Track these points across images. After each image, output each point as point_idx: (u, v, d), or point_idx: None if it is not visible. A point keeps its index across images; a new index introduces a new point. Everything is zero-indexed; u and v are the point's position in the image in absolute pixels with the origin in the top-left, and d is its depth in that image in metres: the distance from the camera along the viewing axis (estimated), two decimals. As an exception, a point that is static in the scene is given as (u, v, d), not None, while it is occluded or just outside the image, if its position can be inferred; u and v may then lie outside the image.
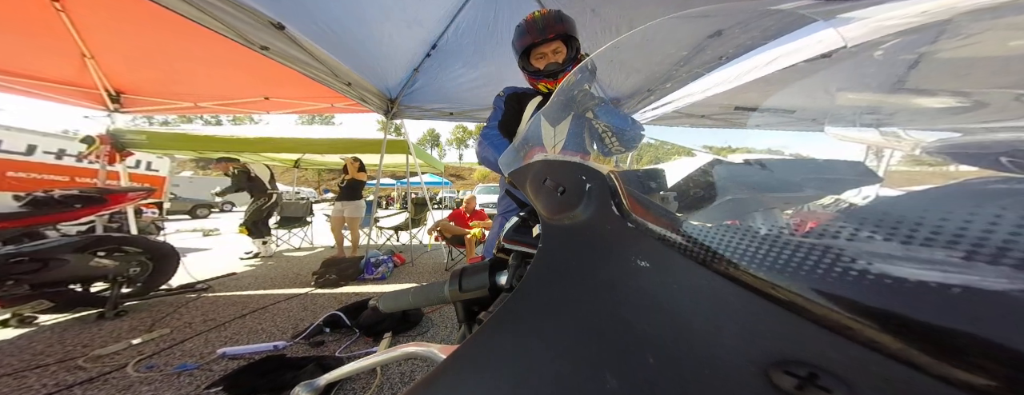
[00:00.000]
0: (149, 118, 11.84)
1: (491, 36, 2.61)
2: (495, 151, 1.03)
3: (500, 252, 0.46)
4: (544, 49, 1.17)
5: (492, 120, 1.22)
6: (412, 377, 1.78)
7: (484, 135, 1.16)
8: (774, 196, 0.19)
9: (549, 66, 1.17)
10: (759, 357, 0.15)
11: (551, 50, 1.17)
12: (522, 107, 1.24)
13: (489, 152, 1.07)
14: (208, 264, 4.27)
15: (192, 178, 18.80)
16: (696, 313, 0.18)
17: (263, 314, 2.60)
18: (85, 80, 3.19)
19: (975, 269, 0.11)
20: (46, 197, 2.36)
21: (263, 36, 2.01)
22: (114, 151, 3.68)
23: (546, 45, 1.16)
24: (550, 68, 1.17)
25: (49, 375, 1.72)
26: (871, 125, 0.17)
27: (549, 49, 1.17)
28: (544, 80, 1.20)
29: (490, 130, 1.18)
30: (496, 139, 1.13)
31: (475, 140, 1.67)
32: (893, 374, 0.12)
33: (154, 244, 2.73)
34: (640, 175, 0.27)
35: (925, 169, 0.15)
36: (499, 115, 1.22)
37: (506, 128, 1.19)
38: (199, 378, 1.70)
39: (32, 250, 2.11)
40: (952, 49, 0.16)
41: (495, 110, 1.24)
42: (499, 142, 1.11)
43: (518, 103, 1.24)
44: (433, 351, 0.38)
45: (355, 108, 3.65)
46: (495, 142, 1.11)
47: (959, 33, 0.16)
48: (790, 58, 0.22)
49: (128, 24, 2.47)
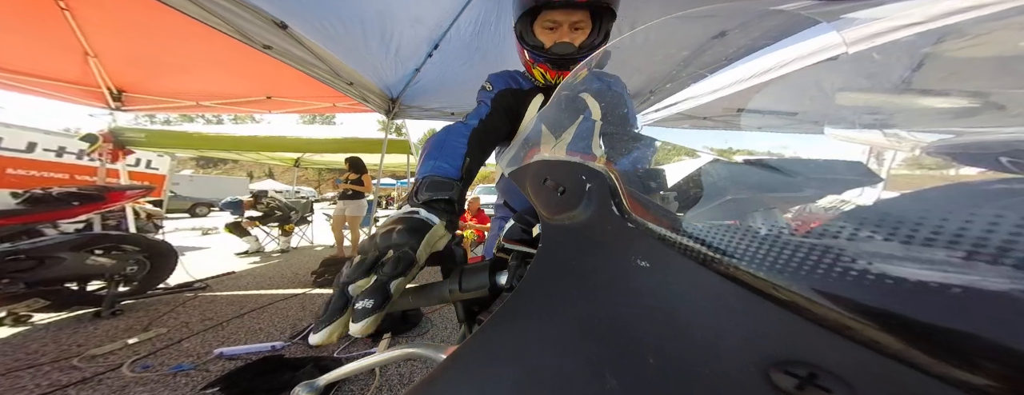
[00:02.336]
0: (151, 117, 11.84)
1: (494, 36, 2.62)
2: (445, 161, 0.60)
3: (500, 252, 0.46)
4: (560, 16, 0.75)
5: (472, 118, 0.77)
6: (411, 379, 1.77)
7: (449, 131, 0.70)
8: (774, 196, 0.19)
9: (559, 46, 0.77)
10: (759, 357, 0.15)
11: (570, 22, 0.76)
12: (516, 108, 0.87)
13: (438, 156, 0.61)
14: (207, 263, 4.26)
15: (192, 176, 18.79)
16: (696, 313, 0.18)
17: (261, 314, 2.60)
18: (87, 78, 3.19)
19: (975, 269, 0.11)
20: (44, 194, 2.36)
21: (266, 35, 2.02)
22: (117, 149, 3.68)
23: (566, 11, 0.74)
24: (560, 50, 0.77)
25: (43, 375, 1.71)
26: (872, 126, 0.17)
27: (568, 19, 0.75)
28: (543, 65, 0.81)
29: (461, 129, 0.71)
30: (455, 145, 0.66)
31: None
32: (893, 374, 0.12)
33: (152, 242, 2.72)
34: (640, 175, 0.27)
35: (925, 170, 0.15)
36: (482, 114, 0.79)
37: (485, 135, 0.73)
38: (195, 378, 1.69)
39: (28, 248, 2.10)
40: (953, 50, 0.16)
41: (479, 107, 0.83)
42: (455, 149, 0.64)
43: (512, 102, 0.86)
44: (433, 351, 0.39)
45: (357, 108, 3.66)
46: (450, 148, 0.64)
47: (960, 34, 0.16)
48: (792, 60, 0.22)
49: (132, 23, 2.48)
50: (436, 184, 0.53)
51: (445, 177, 0.56)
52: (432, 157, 0.61)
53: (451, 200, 0.51)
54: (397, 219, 0.43)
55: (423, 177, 0.56)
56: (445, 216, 0.45)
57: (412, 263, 0.37)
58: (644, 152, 0.29)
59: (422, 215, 0.44)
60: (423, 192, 0.51)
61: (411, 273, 0.37)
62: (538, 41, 0.81)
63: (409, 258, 0.37)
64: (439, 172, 0.58)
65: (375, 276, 0.35)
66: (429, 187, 0.52)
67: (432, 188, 0.52)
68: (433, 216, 0.44)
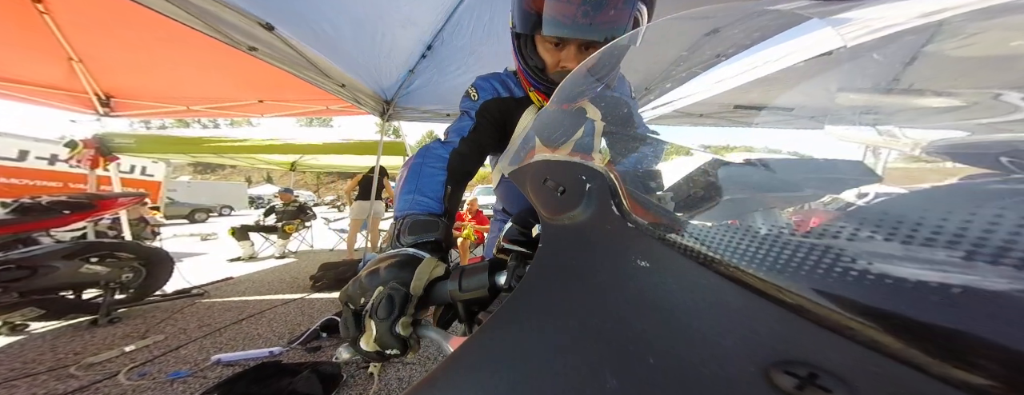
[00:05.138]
0: (146, 122, 11.73)
1: (488, 37, 2.61)
2: (425, 194, 0.56)
3: (500, 252, 0.46)
4: (572, 41, 0.63)
5: (454, 134, 0.70)
6: (410, 381, 1.77)
7: (427, 155, 0.64)
8: (774, 196, 0.19)
9: (559, 75, 0.67)
10: (759, 357, 0.15)
11: (578, 44, 0.63)
12: (503, 121, 0.77)
13: (415, 189, 0.57)
14: (205, 269, 4.22)
15: (190, 182, 18.64)
16: (696, 313, 0.18)
17: (259, 319, 2.58)
18: (74, 84, 3.14)
19: (975, 269, 0.11)
20: (33, 203, 2.33)
21: (251, 37, 1.99)
22: (98, 155, 3.61)
23: (581, 36, 0.61)
24: (559, 79, 0.60)
25: (39, 384, 1.69)
26: (870, 124, 0.17)
27: (575, 41, 0.63)
28: (541, 93, 0.73)
29: (440, 152, 0.64)
30: (433, 173, 0.60)
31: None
32: (893, 374, 0.12)
33: (147, 250, 2.69)
34: (640, 175, 0.27)
35: (925, 169, 0.15)
36: (465, 130, 0.71)
37: (467, 156, 0.67)
38: (193, 385, 1.68)
39: (19, 257, 2.07)
40: (950, 49, 0.16)
41: (461, 119, 0.75)
42: (434, 177, 0.59)
43: (498, 114, 0.76)
44: (438, 336, 0.36)
45: (350, 110, 3.64)
46: (428, 178, 0.59)
47: (956, 33, 0.16)
48: (789, 57, 0.22)
49: (114, 26, 2.43)
50: (418, 225, 0.50)
51: (427, 213, 0.53)
52: (409, 190, 0.57)
53: (438, 241, 0.48)
54: (382, 258, 0.41)
55: (403, 215, 0.52)
56: (435, 255, 0.43)
57: (406, 298, 0.35)
58: (644, 152, 0.29)
59: (410, 251, 0.42)
60: (405, 235, 0.48)
61: (409, 308, 0.35)
62: (539, 60, 0.68)
63: (401, 293, 0.35)
64: (419, 208, 0.54)
65: (374, 325, 0.34)
66: (412, 229, 0.49)
67: (414, 230, 0.49)
68: (421, 252, 0.42)
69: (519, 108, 0.78)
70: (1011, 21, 0.14)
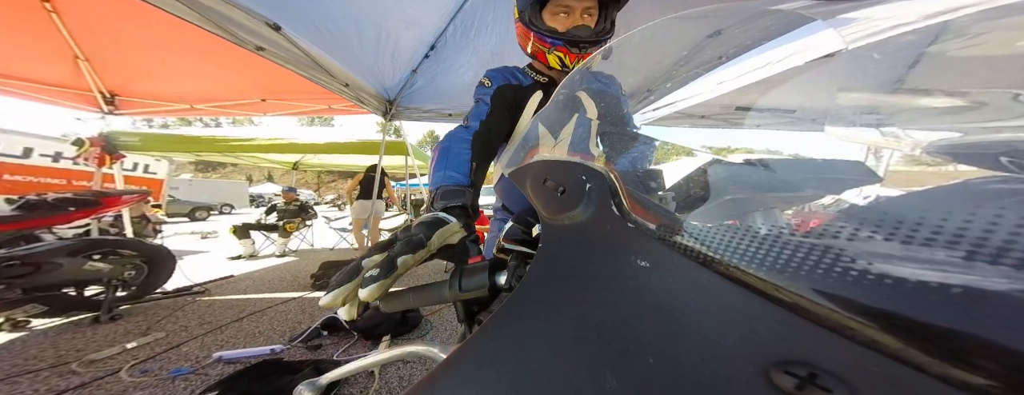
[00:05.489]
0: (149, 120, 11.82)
1: (491, 37, 2.62)
2: (453, 169, 0.64)
3: (500, 252, 0.46)
4: (572, 2, 0.79)
5: (473, 119, 0.80)
6: (411, 380, 1.76)
7: (452, 138, 0.73)
8: (774, 196, 0.19)
9: (579, 29, 0.78)
10: (759, 357, 0.15)
11: (583, 7, 0.80)
12: (515, 104, 0.88)
13: (446, 166, 0.65)
14: (206, 267, 4.24)
15: (191, 181, 18.71)
16: (696, 313, 0.18)
17: (260, 317, 2.58)
18: (79, 82, 3.17)
19: (975, 269, 0.11)
20: (39, 200, 2.34)
21: (259, 37, 2.00)
22: (104, 153, 3.64)
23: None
24: (580, 32, 0.78)
25: (41, 380, 1.70)
26: (871, 125, 0.17)
27: (581, 4, 0.79)
28: (562, 49, 0.80)
29: (463, 134, 0.74)
30: (459, 151, 0.68)
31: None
32: (893, 374, 0.12)
33: (150, 247, 2.71)
34: (640, 175, 0.27)
35: (925, 169, 0.15)
36: (482, 114, 0.81)
37: (487, 136, 0.77)
38: (194, 382, 1.69)
39: (23, 254, 2.09)
40: (952, 49, 0.16)
41: (478, 106, 0.84)
42: (460, 155, 0.67)
43: (511, 98, 0.87)
44: (434, 351, 0.39)
45: (353, 110, 3.65)
46: (455, 156, 0.67)
47: (959, 33, 0.16)
48: (790, 58, 0.22)
49: (121, 25, 2.45)
50: (449, 193, 0.58)
51: (456, 185, 0.61)
52: (440, 167, 0.66)
53: (465, 205, 0.55)
54: (418, 220, 0.47)
55: (436, 188, 0.61)
56: (461, 218, 0.48)
57: (421, 245, 0.40)
58: (644, 152, 0.29)
59: (439, 214, 0.47)
60: (438, 201, 0.56)
61: (420, 254, 0.39)
62: (548, 26, 0.82)
63: (419, 240, 0.40)
64: (450, 181, 0.62)
65: (388, 254, 0.38)
66: (442, 196, 0.57)
67: (445, 197, 0.57)
68: (449, 216, 0.47)
69: (527, 94, 0.90)
70: (1018, 21, 0.14)
